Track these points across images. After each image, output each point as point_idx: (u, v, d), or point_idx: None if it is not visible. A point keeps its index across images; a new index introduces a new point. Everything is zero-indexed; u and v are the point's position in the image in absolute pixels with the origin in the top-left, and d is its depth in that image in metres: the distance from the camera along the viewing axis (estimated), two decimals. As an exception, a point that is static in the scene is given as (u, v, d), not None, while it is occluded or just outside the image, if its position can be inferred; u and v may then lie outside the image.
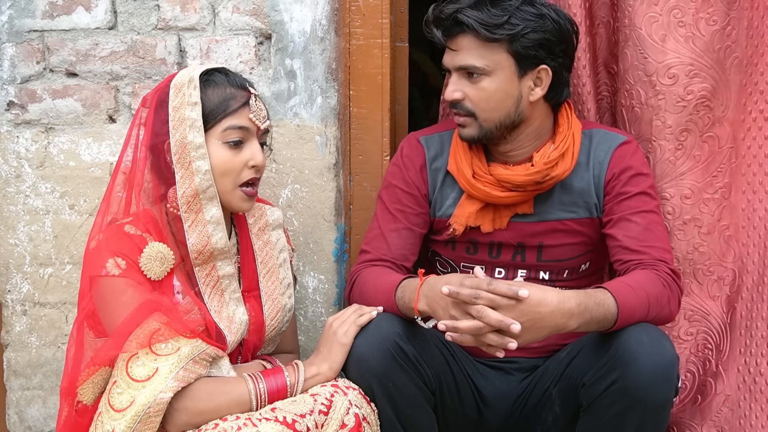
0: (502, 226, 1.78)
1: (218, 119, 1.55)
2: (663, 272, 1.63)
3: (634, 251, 1.68)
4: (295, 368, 1.57)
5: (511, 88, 1.69)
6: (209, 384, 1.49)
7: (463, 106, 1.72)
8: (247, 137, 1.58)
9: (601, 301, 1.53)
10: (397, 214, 1.82)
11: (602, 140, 1.79)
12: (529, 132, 1.76)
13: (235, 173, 1.57)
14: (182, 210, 1.55)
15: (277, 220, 1.75)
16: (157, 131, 1.55)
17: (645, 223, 1.70)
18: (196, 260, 1.58)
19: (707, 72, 1.86)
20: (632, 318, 1.54)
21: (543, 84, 1.71)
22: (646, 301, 1.56)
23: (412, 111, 2.30)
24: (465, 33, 1.67)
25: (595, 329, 1.56)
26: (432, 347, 1.68)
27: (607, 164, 1.76)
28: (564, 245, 1.78)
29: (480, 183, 1.75)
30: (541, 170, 1.72)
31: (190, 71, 1.57)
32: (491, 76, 1.68)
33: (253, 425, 1.40)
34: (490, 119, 1.71)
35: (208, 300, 1.60)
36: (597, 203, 1.77)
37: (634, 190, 1.73)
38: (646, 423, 1.52)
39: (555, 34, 1.68)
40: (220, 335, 1.58)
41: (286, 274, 1.73)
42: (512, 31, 1.64)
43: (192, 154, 1.53)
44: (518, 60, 1.67)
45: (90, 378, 1.51)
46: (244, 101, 1.58)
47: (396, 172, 1.85)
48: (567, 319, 1.49)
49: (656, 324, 1.58)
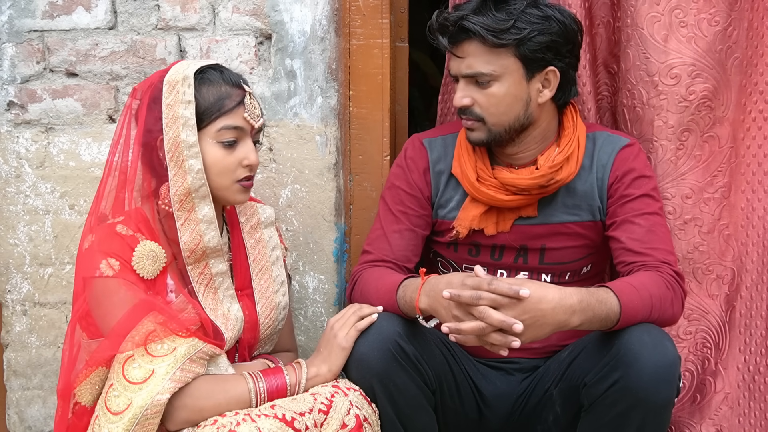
0: (506, 229, 1.78)
1: (213, 119, 1.54)
2: (667, 274, 1.63)
3: (637, 253, 1.68)
4: (297, 368, 1.57)
5: (520, 92, 1.69)
6: (209, 382, 1.49)
7: (472, 111, 1.71)
8: (242, 137, 1.57)
9: (604, 299, 1.53)
10: (399, 215, 1.81)
11: (605, 143, 1.79)
12: (535, 134, 1.76)
13: (230, 172, 1.56)
14: (175, 208, 1.54)
15: (269, 218, 1.75)
16: (150, 128, 1.54)
17: (648, 225, 1.70)
18: (189, 258, 1.57)
19: (709, 72, 1.87)
20: (635, 318, 1.54)
21: (551, 85, 1.71)
22: (649, 301, 1.56)
23: (412, 111, 2.30)
24: (471, 39, 1.66)
25: (597, 327, 1.55)
26: (432, 347, 1.68)
27: (611, 167, 1.76)
28: (566, 248, 1.78)
29: (484, 186, 1.75)
30: (546, 174, 1.71)
31: (184, 68, 1.55)
32: (499, 81, 1.67)
33: (252, 421, 1.40)
34: (499, 123, 1.71)
35: (202, 298, 1.59)
36: (600, 206, 1.77)
37: (637, 193, 1.73)
38: (647, 423, 1.52)
39: (561, 35, 1.68)
40: (217, 332, 1.57)
41: (279, 272, 1.73)
42: (519, 35, 1.63)
43: (185, 153, 1.52)
44: (526, 63, 1.67)
45: (87, 379, 1.51)
46: (239, 100, 1.56)
47: (399, 173, 1.85)
48: (569, 315, 1.49)
49: (659, 325, 1.58)
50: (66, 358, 1.55)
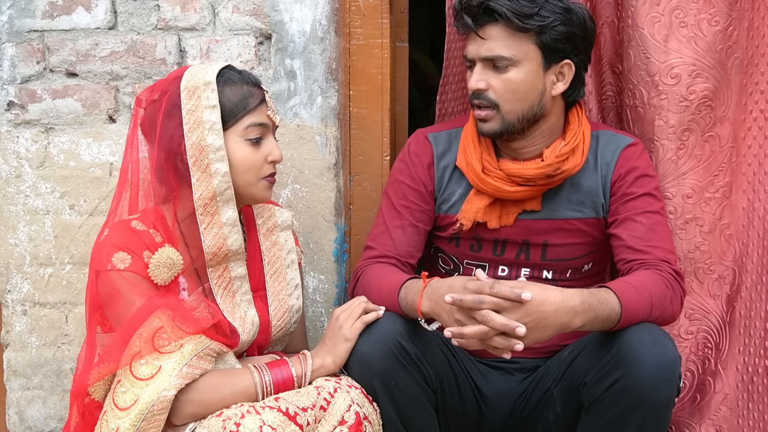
0: (509, 222, 1.78)
1: (239, 117, 1.56)
2: (666, 273, 1.63)
3: (637, 251, 1.68)
4: (302, 359, 1.57)
5: (536, 81, 1.70)
6: (214, 376, 1.49)
7: (486, 96, 1.71)
8: (266, 133, 1.60)
9: (605, 300, 1.53)
10: (402, 210, 1.82)
11: (609, 141, 1.79)
12: (544, 128, 1.76)
13: (257, 168, 1.59)
14: (198, 212, 1.55)
15: (286, 221, 1.76)
16: (171, 134, 1.54)
17: (649, 224, 1.71)
18: (210, 262, 1.58)
19: (709, 72, 1.87)
20: (635, 317, 1.54)
21: (565, 79, 1.72)
22: (649, 301, 1.56)
23: (412, 111, 2.30)
24: (495, 22, 1.67)
25: (599, 328, 1.56)
26: (433, 346, 1.68)
27: (614, 165, 1.76)
28: (569, 245, 1.79)
29: (490, 177, 1.75)
30: (552, 163, 1.72)
31: (203, 73, 1.56)
32: (518, 66, 1.68)
33: (257, 413, 1.41)
34: (513, 111, 1.71)
35: (220, 301, 1.61)
36: (603, 203, 1.77)
37: (639, 191, 1.74)
38: (647, 423, 1.52)
39: (580, 28, 1.70)
40: (234, 331, 1.58)
41: (294, 275, 1.74)
42: (543, 22, 1.65)
43: (210, 157, 1.53)
44: (545, 52, 1.68)
45: (104, 378, 1.51)
46: (261, 98, 1.60)
47: (403, 168, 1.85)
48: (571, 317, 1.49)
49: (659, 324, 1.58)
50: (82, 357, 1.56)
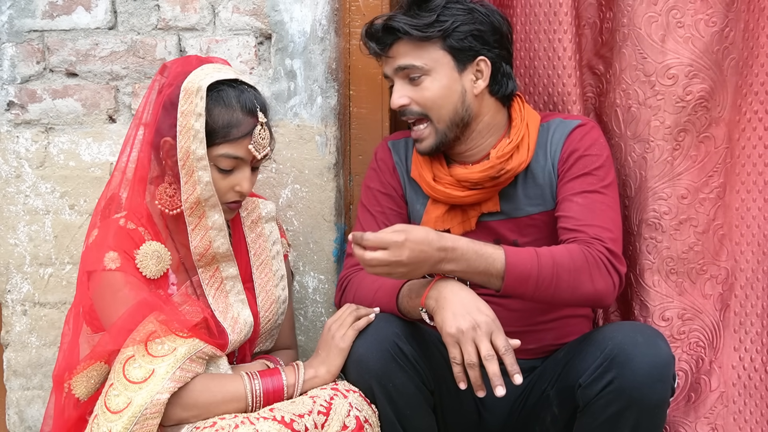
0: (471, 227, 1.79)
1: (217, 143, 1.55)
2: (595, 249, 1.60)
3: (570, 230, 1.67)
4: (295, 369, 1.57)
5: (454, 84, 1.72)
6: (205, 379, 1.50)
7: (411, 110, 1.74)
8: (240, 166, 1.59)
9: (487, 254, 1.54)
10: (377, 215, 1.84)
11: (558, 128, 1.79)
12: (481, 129, 1.78)
13: (221, 193, 1.58)
14: (186, 213, 1.56)
15: (270, 212, 1.76)
16: (163, 131, 1.55)
17: (586, 203, 1.69)
18: (199, 262, 1.59)
19: (706, 73, 1.88)
20: (526, 282, 1.55)
21: (484, 75, 1.74)
22: (551, 269, 1.55)
23: (411, 111, 2.31)
24: (399, 39, 1.71)
25: (479, 281, 1.57)
26: (431, 347, 1.68)
27: (560, 149, 1.77)
28: (538, 239, 1.77)
29: (440, 185, 1.77)
30: (495, 165, 1.73)
31: (201, 78, 1.55)
32: (431, 74, 1.71)
33: (251, 423, 1.40)
34: (441, 119, 1.73)
35: (213, 301, 1.61)
36: (555, 191, 1.77)
37: (578, 172, 1.73)
38: (642, 423, 1.52)
39: (486, 24, 1.72)
40: (221, 330, 1.58)
41: (279, 266, 1.74)
42: (443, 26, 1.68)
43: (195, 164, 1.53)
44: (455, 54, 1.71)
45: (85, 371, 1.52)
46: (248, 131, 1.56)
47: (372, 175, 1.89)
48: (442, 255, 1.52)
49: (576, 299, 1.59)
50: (65, 344, 1.57)
